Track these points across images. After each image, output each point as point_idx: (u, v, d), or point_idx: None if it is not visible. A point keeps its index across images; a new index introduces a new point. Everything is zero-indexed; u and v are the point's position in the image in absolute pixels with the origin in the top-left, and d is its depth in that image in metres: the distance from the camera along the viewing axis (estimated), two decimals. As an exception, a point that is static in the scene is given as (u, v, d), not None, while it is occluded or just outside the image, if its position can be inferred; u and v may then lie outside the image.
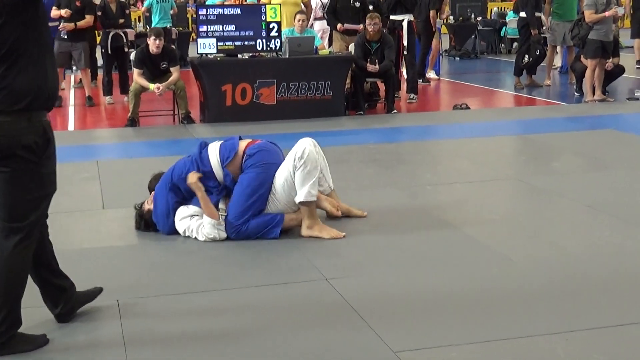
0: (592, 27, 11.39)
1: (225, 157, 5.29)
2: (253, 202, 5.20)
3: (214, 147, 5.37)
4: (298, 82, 10.10)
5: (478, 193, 6.41)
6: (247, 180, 5.22)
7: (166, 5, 14.56)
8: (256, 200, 5.21)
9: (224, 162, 5.28)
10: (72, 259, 4.89)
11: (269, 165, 5.28)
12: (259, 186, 5.22)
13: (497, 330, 3.77)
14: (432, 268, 4.64)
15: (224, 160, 5.28)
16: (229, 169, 5.28)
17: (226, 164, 5.27)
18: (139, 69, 9.78)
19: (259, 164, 5.25)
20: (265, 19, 10.05)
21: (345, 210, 5.68)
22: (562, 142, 8.51)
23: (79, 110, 11.55)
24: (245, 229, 5.18)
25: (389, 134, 9.22)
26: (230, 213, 5.20)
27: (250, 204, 5.19)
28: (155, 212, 5.35)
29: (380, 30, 10.51)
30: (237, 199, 5.21)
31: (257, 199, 5.21)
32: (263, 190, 5.23)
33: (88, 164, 7.64)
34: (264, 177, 5.24)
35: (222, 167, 5.27)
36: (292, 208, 5.32)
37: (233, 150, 5.30)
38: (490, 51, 19.77)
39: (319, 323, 3.90)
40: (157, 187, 5.40)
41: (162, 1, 14.54)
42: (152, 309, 4.10)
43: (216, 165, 5.28)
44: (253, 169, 5.24)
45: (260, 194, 5.22)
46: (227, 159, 5.28)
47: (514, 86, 13.32)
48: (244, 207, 5.18)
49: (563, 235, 5.27)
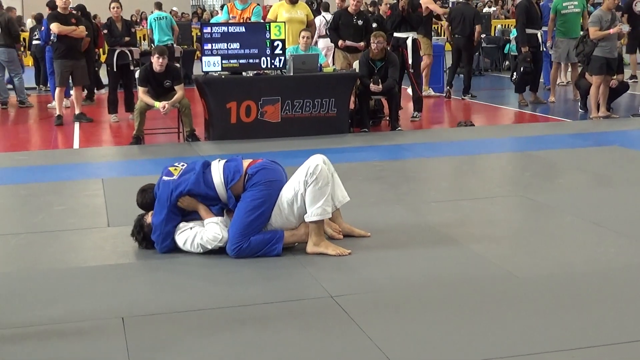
0: (596, 44, 11.41)
1: (230, 179, 5.25)
2: (255, 219, 5.17)
3: (216, 167, 5.34)
4: (302, 100, 10.11)
5: (483, 210, 6.40)
6: (250, 198, 5.19)
7: (163, 23, 14.63)
8: (258, 218, 5.19)
9: (229, 184, 5.25)
10: (77, 277, 4.91)
11: (271, 182, 5.26)
12: (261, 204, 5.20)
13: (503, 347, 3.75)
14: (438, 285, 4.63)
15: (228, 182, 5.25)
16: (233, 190, 5.26)
17: (231, 186, 5.25)
18: (143, 87, 9.80)
19: (261, 182, 5.23)
20: (269, 37, 10.07)
21: (347, 230, 5.64)
22: (567, 159, 8.51)
23: (83, 128, 11.57)
24: (247, 245, 5.15)
25: (393, 151, 9.23)
26: (232, 230, 5.18)
27: (252, 221, 5.16)
28: (154, 230, 5.31)
29: (384, 48, 10.53)
30: (239, 216, 5.19)
31: (259, 216, 5.19)
32: (265, 208, 5.21)
33: (93, 181, 7.65)
34: (267, 195, 5.22)
35: (227, 190, 5.25)
36: (294, 224, 5.31)
37: (238, 173, 5.26)
38: (494, 68, 19.82)
39: (325, 341, 3.88)
40: (156, 206, 5.34)
41: (159, 19, 14.60)
42: (157, 327, 4.09)
43: (220, 187, 5.25)
44: (256, 187, 5.21)
45: (262, 212, 5.20)
46: (232, 182, 5.25)
47: (518, 103, 13.33)
48: (245, 224, 5.15)
49: (568, 251, 5.25)
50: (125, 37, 12.26)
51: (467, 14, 13.94)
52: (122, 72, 12.30)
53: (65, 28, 11.54)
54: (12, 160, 9.02)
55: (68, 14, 11.76)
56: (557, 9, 13.27)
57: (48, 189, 7.36)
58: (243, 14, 11.57)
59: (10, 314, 4.28)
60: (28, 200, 7.01)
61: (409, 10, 11.77)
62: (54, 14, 11.86)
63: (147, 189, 5.51)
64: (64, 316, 4.24)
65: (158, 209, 5.30)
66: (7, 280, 4.86)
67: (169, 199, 5.25)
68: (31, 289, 4.69)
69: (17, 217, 6.51)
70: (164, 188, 5.30)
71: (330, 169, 5.38)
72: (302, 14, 11.78)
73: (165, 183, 5.31)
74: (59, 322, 4.16)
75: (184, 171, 5.37)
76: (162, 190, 5.30)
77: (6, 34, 13.81)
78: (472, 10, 14.54)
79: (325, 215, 5.21)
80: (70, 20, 11.68)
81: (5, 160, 8.99)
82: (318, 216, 5.17)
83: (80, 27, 11.82)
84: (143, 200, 5.51)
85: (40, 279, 4.87)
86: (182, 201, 5.26)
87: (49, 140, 10.84)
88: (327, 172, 5.26)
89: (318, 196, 5.16)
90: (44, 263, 5.22)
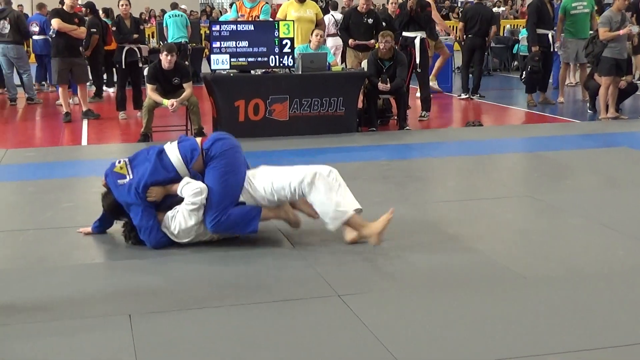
0: (606, 44, 11.38)
1: (189, 157, 5.32)
2: (227, 189, 5.23)
3: (171, 149, 5.38)
4: (311, 98, 10.11)
5: (491, 210, 6.39)
6: (215, 169, 5.26)
7: (178, 20, 14.63)
8: (230, 187, 5.25)
9: (189, 163, 5.31)
10: (85, 274, 4.92)
11: (228, 150, 5.33)
12: (227, 172, 5.26)
13: (510, 347, 3.74)
14: (445, 285, 4.62)
15: (188, 161, 5.31)
16: (195, 167, 5.31)
17: (192, 165, 5.30)
18: (152, 85, 9.81)
19: (220, 152, 5.29)
20: (278, 35, 10.08)
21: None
22: (576, 160, 8.49)
23: (91, 125, 11.59)
24: (225, 218, 5.18)
25: (401, 151, 9.22)
26: (208, 205, 5.20)
27: (225, 190, 5.22)
28: (139, 231, 5.31)
29: (392, 48, 10.53)
30: (211, 190, 5.21)
31: (230, 185, 5.25)
32: (232, 175, 5.27)
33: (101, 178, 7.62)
34: (230, 163, 5.30)
35: (189, 169, 5.30)
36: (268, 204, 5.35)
37: (196, 151, 5.33)
38: (502, 68, 19.79)
39: (330, 338, 3.88)
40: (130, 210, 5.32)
41: (175, 16, 14.62)
42: (164, 324, 4.10)
43: (180, 167, 5.30)
44: (216, 159, 5.28)
45: (231, 180, 5.26)
46: (192, 160, 5.31)
47: (527, 103, 13.30)
48: (219, 195, 5.20)
49: (576, 253, 5.24)
50: (133, 35, 12.28)
51: (483, 14, 13.93)
52: (131, 69, 12.32)
53: (65, 25, 11.54)
54: (20, 157, 9.04)
55: (72, 14, 11.77)
56: (566, 9, 13.23)
57: (56, 186, 7.38)
58: (252, 12, 11.57)
59: (17, 311, 4.29)
60: (36, 196, 7.02)
61: (417, 10, 11.75)
62: (57, 10, 11.90)
63: (108, 193, 5.50)
64: (70, 313, 4.24)
65: (133, 211, 5.31)
66: (15, 277, 4.87)
67: (138, 196, 5.25)
68: (38, 285, 4.70)
69: (25, 214, 6.52)
70: (126, 191, 5.28)
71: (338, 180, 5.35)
72: (312, 12, 11.78)
73: (123, 186, 5.30)
74: (67, 319, 4.17)
75: (135, 165, 5.38)
76: (126, 193, 5.28)
77: (15, 31, 13.83)
78: (488, 11, 14.56)
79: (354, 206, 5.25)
80: (73, 20, 11.69)
81: (14, 157, 9.00)
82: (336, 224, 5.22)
83: (81, 29, 11.83)
84: (107, 204, 5.52)
85: (48, 276, 4.87)
86: (150, 194, 5.26)
87: (57, 137, 10.86)
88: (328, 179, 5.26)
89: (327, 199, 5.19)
90: (52, 260, 5.23)
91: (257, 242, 5.39)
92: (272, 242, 5.45)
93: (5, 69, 14.17)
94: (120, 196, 5.32)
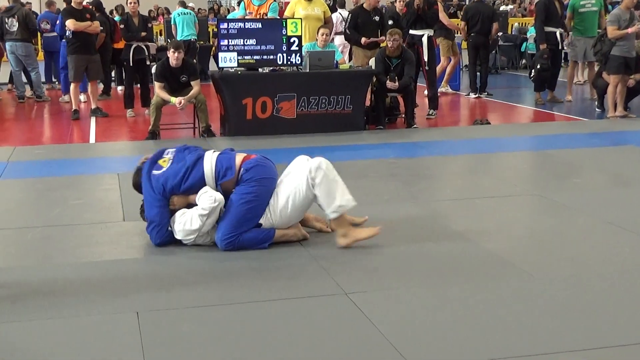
0: (614, 43, 11.35)
1: (222, 175, 5.27)
2: (247, 215, 5.20)
3: (209, 158, 5.35)
4: (318, 96, 10.12)
5: (498, 208, 6.38)
6: (244, 192, 5.21)
7: (187, 18, 14.65)
8: (250, 213, 5.21)
9: (220, 179, 5.28)
10: (93, 271, 4.93)
11: (265, 180, 5.28)
12: (254, 199, 5.21)
13: (518, 346, 3.74)
14: (452, 284, 4.62)
15: (219, 177, 5.28)
16: (224, 185, 5.28)
17: (221, 182, 5.28)
18: (160, 82, 9.82)
19: (255, 179, 5.24)
20: (286, 33, 10.08)
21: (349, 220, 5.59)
22: (583, 158, 8.47)
23: (100, 123, 11.61)
24: (237, 240, 5.18)
25: (409, 149, 9.22)
26: (224, 223, 5.20)
27: (244, 216, 5.19)
28: (148, 223, 5.35)
29: (400, 46, 10.53)
30: (232, 210, 5.21)
31: (251, 211, 5.21)
32: (257, 204, 5.23)
33: (109, 176, 7.68)
34: (260, 192, 5.23)
35: (217, 185, 5.28)
36: (287, 223, 5.32)
37: (230, 170, 5.28)
38: (510, 66, 19.76)
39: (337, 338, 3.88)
40: (147, 199, 5.37)
41: (184, 14, 14.63)
42: (172, 322, 4.10)
43: (209, 179, 5.27)
44: (250, 183, 5.23)
45: (254, 207, 5.22)
46: (224, 178, 5.27)
47: (535, 102, 13.28)
48: (237, 218, 5.18)
49: (583, 251, 5.23)
50: (142, 33, 12.29)
51: (484, 12, 13.93)
52: (139, 67, 12.33)
53: (80, 24, 11.58)
54: (29, 154, 9.07)
55: (82, 9, 11.79)
56: (574, 7, 13.20)
57: (64, 183, 7.39)
58: (260, 10, 11.58)
59: (25, 307, 4.30)
60: (44, 194, 7.04)
61: (425, 8, 11.74)
62: (68, 10, 11.90)
63: (139, 171, 5.55)
64: (78, 310, 4.25)
65: (150, 202, 5.34)
66: (23, 274, 4.88)
67: (161, 193, 5.28)
68: (46, 282, 4.71)
69: (33, 211, 6.54)
70: (155, 182, 5.31)
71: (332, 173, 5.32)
72: (319, 10, 11.78)
73: (155, 177, 5.32)
74: (74, 316, 4.17)
75: (174, 160, 5.37)
76: (154, 184, 5.31)
77: (24, 29, 13.86)
78: (489, 8, 14.54)
79: (349, 205, 5.22)
80: (85, 16, 11.72)
81: (22, 154, 9.03)
82: (342, 209, 5.18)
83: (95, 23, 11.86)
84: (134, 181, 5.57)
85: (56, 273, 4.88)
86: (172, 203, 5.31)
87: (65, 135, 10.88)
88: (331, 166, 5.27)
89: (332, 190, 5.18)
90: (60, 257, 5.24)
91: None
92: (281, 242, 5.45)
93: (14, 66, 14.21)
94: (145, 184, 5.36)
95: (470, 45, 14.16)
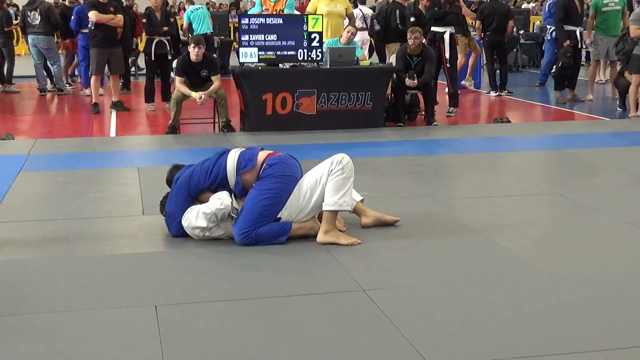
0: (637, 42, 11.28)
1: (242, 165, 5.31)
2: (266, 210, 5.21)
3: (233, 153, 5.40)
4: (338, 93, 10.11)
5: (518, 207, 6.36)
6: (264, 187, 5.23)
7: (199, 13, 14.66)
8: (269, 209, 5.23)
9: (240, 170, 5.31)
10: (112, 264, 4.95)
11: (287, 177, 5.29)
12: (274, 196, 5.23)
13: (536, 345, 3.72)
14: (471, 282, 4.61)
15: (240, 168, 5.31)
16: (244, 177, 5.31)
17: (241, 172, 5.30)
18: (180, 77, 9.84)
19: (277, 175, 5.25)
20: (306, 29, 10.08)
21: (377, 218, 5.65)
22: (604, 158, 8.43)
23: (120, 117, 11.66)
24: (254, 234, 5.19)
25: (428, 146, 9.20)
26: (242, 217, 5.22)
27: (263, 211, 5.20)
28: (169, 215, 5.41)
29: (421, 44, 10.50)
30: (251, 204, 5.23)
31: (270, 207, 5.23)
32: (277, 200, 5.24)
33: (128, 170, 7.71)
34: (281, 189, 5.25)
35: (237, 175, 5.30)
36: (306, 216, 5.35)
37: (251, 161, 5.31)
38: (532, 65, 19.66)
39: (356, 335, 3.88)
40: (175, 191, 5.42)
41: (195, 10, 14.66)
42: (190, 316, 4.12)
43: (231, 172, 5.31)
44: (271, 179, 5.24)
45: (273, 203, 5.23)
46: (244, 168, 5.30)
47: (556, 100, 13.22)
48: (256, 213, 5.19)
49: (603, 251, 5.20)
50: (163, 27, 12.31)
51: (500, 11, 13.85)
52: (160, 61, 12.36)
53: (103, 16, 11.61)
54: (50, 147, 9.12)
55: (106, 2, 11.80)
56: (597, 6, 13.13)
57: (84, 177, 7.43)
58: (276, 6, 11.58)
59: (44, 300, 4.33)
60: (65, 187, 7.08)
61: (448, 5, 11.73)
62: (92, 2, 11.91)
63: (177, 167, 5.63)
64: (97, 303, 4.27)
65: (175, 196, 5.41)
66: (42, 266, 4.91)
67: (186, 186, 5.37)
68: (66, 275, 4.74)
69: (53, 204, 6.57)
70: (183, 178, 5.41)
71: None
72: (342, 7, 11.80)
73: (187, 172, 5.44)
74: (92, 309, 4.19)
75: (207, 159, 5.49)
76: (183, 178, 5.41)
77: (46, 22, 13.93)
78: (504, 7, 14.46)
79: (344, 207, 5.24)
80: (108, 9, 11.75)
81: (44, 147, 9.08)
82: (337, 206, 5.21)
83: (118, 16, 11.88)
84: (168, 175, 5.65)
85: (75, 266, 4.91)
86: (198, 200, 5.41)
87: (86, 128, 10.94)
88: (352, 166, 5.29)
89: (340, 186, 5.20)
90: (79, 250, 5.27)
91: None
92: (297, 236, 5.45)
93: (36, 59, 14.29)
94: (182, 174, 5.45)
95: (486, 44, 14.10)
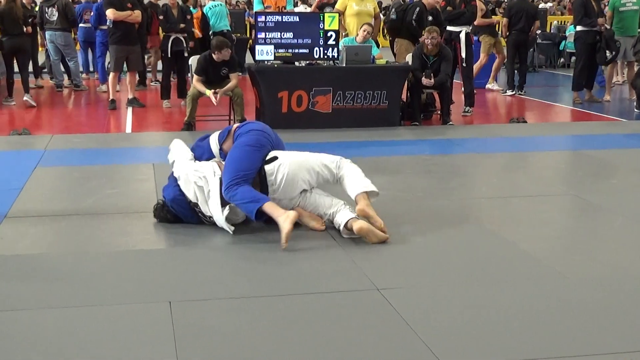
0: (655, 43, 11.23)
1: (221, 138, 5.80)
2: (244, 159, 5.46)
3: (214, 136, 5.91)
4: (354, 91, 10.10)
5: (533, 208, 6.33)
6: (242, 141, 5.57)
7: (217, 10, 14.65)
8: (248, 159, 5.47)
9: (220, 141, 5.79)
10: (127, 260, 4.96)
11: (259, 132, 5.67)
12: (254, 145, 5.53)
13: (550, 347, 3.70)
14: (485, 282, 4.59)
15: (220, 141, 5.80)
16: (224, 147, 5.75)
17: (221, 143, 5.77)
18: (199, 76, 9.84)
19: (246, 131, 5.67)
20: (323, 27, 10.07)
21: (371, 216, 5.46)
22: (621, 159, 8.38)
23: (136, 113, 11.69)
24: (234, 191, 5.32)
25: (444, 146, 9.18)
26: (225, 172, 5.44)
27: (242, 159, 5.46)
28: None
29: (438, 44, 10.48)
30: (230, 156, 5.55)
31: (250, 158, 5.48)
32: (257, 149, 5.52)
33: (144, 166, 7.73)
34: (259, 140, 5.58)
35: (220, 149, 5.76)
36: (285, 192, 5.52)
37: (226, 131, 5.82)
38: (549, 65, 19.59)
39: (369, 334, 3.87)
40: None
41: (214, 7, 14.66)
42: (204, 313, 4.12)
43: (214, 147, 5.82)
44: (242, 136, 5.63)
45: (254, 152, 5.50)
46: (222, 138, 5.79)
47: (573, 101, 13.16)
48: (237, 163, 5.42)
49: (619, 253, 5.17)
50: (180, 24, 12.32)
51: (528, 10, 13.83)
52: (176, 58, 12.38)
53: (120, 14, 11.63)
54: (66, 142, 9.15)
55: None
56: (614, 6, 13.06)
57: (100, 172, 7.45)
58: (278, 3, 11.54)
59: (58, 295, 4.34)
60: (80, 182, 7.10)
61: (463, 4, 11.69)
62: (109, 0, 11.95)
63: None
64: (111, 298, 4.29)
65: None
66: (57, 261, 4.93)
67: None
68: (80, 270, 4.76)
69: (69, 199, 6.59)
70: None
71: None
72: (371, 7, 11.84)
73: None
74: (107, 304, 4.21)
75: None
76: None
77: (63, 18, 13.99)
78: (532, 7, 14.45)
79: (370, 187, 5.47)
80: (126, 5, 11.76)
81: (60, 142, 9.11)
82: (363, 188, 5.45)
83: (136, 12, 11.88)
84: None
85: (90, 261, 4.93)
86: None
87: (102, 124, 10.97)
88: None
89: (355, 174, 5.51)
90: (94, 245, 5.28)
91: (297, 235, 5.37)
92: (312, 234, 5.45)
93: (53, 55, 14.35)
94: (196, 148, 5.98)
95: (510, 43, 14.00)
